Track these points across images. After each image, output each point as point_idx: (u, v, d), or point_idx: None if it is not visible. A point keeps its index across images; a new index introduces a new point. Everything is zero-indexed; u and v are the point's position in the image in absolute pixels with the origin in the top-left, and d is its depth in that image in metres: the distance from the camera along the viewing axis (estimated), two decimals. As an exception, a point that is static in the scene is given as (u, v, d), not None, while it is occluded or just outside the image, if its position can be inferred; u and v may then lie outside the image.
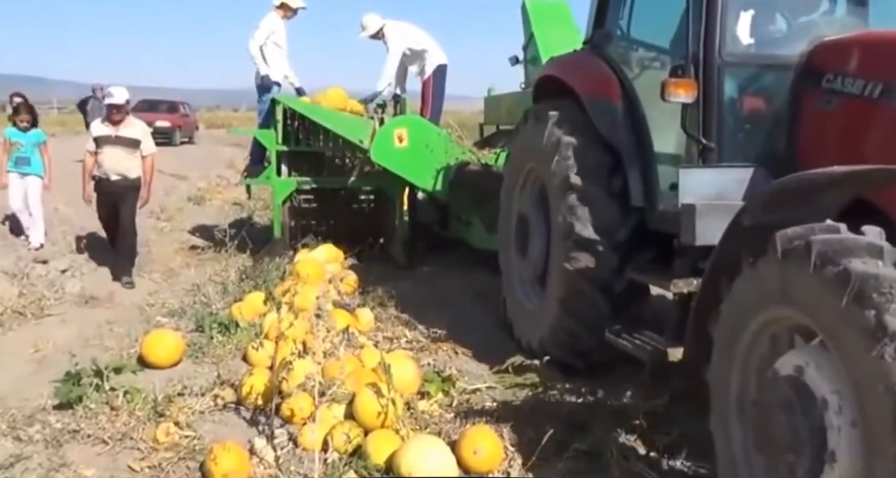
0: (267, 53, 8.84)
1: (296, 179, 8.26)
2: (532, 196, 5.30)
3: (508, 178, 5.70)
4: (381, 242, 8.44)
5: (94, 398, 4.16)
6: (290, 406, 4.00)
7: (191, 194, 14.24)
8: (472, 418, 4.06)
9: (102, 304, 6.56)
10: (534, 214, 5.19)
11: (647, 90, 4.36)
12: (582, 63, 5.05)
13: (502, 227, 5.75)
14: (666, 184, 4.24)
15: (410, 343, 5.45)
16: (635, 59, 4.71)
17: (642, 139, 4.42)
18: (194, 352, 5.14)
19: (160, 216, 11.49)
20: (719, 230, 3.15)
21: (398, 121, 7.86)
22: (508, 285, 5.59)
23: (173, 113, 31.99)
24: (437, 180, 7.65)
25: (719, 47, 3.87)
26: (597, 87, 4.70)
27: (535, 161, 5.12)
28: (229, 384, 4.47)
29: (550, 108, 4.94)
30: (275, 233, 8.20)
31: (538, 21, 8.29)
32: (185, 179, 17.02)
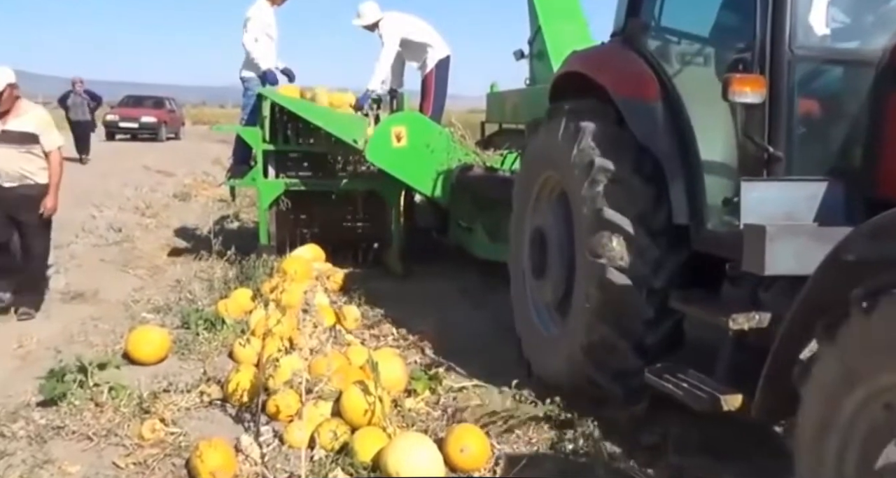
0: (260, 46, 8.24)
1: (284, 181, 7.62)
2: (550, 208, 4.64)
3: (521, 186, 5.04)
4: (374, 248, 7.86)
5: (79, 395, 4.12)
6: (277, 403, 3.98)
7: (176, 191, 14.18)
8: (459, 417, 4.06)
9: (87, 300, 6.52)
10: (553, 229, 4.52)
11: (690, 88, 3.86)
12: (613, 57, 4.42)
13: (513, 240, 5.13)
14: (715, 198, 3.66)
15: (397, 341, 5.44)
16: (675, 53, 4.06)
17: (687, 145, 3.78)
18: (180, 348, 5.12)
19: (145, 213, 11.45)
20: (793, 258, 2.81)
21: (396, 118, 7.36)
22: (519, 303, 4.98)
23: (159, 108, 31.89)
24: (438, 183, 7.15)
25: (789, 39, 3.33)
26: (632, 86, 4.08)
27: (554, 170, 4.50)
28: (215, 381, 4.46)
29: (575, 110, 4.28)
30: (260, 239, 7.60)
31: (546, 13, 7.84)
32: (171, 176, 16.96)
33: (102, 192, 13.09)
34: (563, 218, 4.41)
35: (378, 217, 8.03)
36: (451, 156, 7.17)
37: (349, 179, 7.76)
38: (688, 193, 3.76)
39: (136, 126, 30.07)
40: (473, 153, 7.36)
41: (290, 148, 7.91)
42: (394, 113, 8.02)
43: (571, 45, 7.49)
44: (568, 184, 4.27)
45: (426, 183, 7.19)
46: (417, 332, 5.54)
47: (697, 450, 3.62)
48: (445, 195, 7.21)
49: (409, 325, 5.72)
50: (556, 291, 4.47)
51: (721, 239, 3.55)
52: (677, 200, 3.77)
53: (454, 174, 7.07)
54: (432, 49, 8.44)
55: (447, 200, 7.24)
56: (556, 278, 4.45)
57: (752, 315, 3.23)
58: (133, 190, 13.79)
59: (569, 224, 4.31)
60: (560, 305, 4.46)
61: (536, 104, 7.03)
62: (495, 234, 6.49)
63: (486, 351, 5.23)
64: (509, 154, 7.16)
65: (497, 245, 6.36)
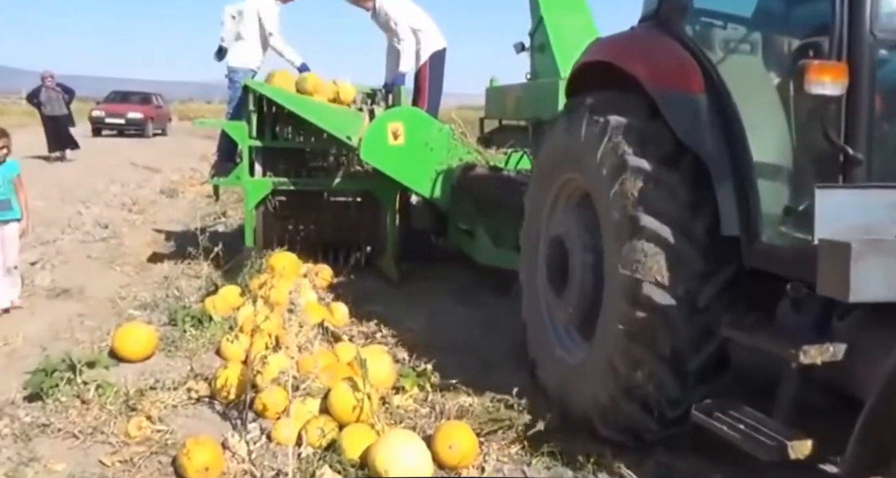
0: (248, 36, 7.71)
1: (271, 180, 7.13)
2: (570, 214, 4.15)
3: (535, 191, 4.57)
4: (368, 252, 7.52)
5: (65, 392, 4.10)
6: (264, 400, 3.97)
7: (163, 187, 14.12)
8: (448, 414, 4.06)
9: (73, 296, 6.48)
10: (575, 239, 4.00)
11: (739, 78, 3.38)
12: (647, 45, 3.87)
13: (525, 251, 4.63)
14: (771, 206, 3.18)
15: (386, 338, 5.44)
16: (720, 39, 3.53)
17: (737, 144, 3.28)
18: (167, 345, 5.09)
19: (132, 209, 11.40)
20: (883, 282, 2.44)
21: (393, 113, 6.83)
22: (534, 323, 4.47)
23: (146, 104, 31.79)
24: (437, 184, 6.66)
25: (870, 22, 2.89)
26: (671, 76, 3.57)
27: (576, 172, 4.03)
28: (202, 378, 4.43)
29: (600, 104, 3.78)
30: (246, 241, 7.18)
31: (548, 4, 7.43)
32: (158, 172, 16.89)
33: (89, 188, 13.04)
34: (586, 226, 3.92)
35: (372, 219, 7.55)
36: (452, 155, 6.74)
37: (342, 179, 7.30)
38: (738, 200, 3.26)
39: (123, 122, 29.93)
40: (475, 152, 6.91)
41: (279, 144, 7.38)
42: (390, 108, 7.44)
43: (575, 36, 6.97)
44: (593, 187, 3.78)
45: (424, 184, 6.72)
46: (406, 329, 5.54)
47: (687, 450, 3.62)
48: (445, 197, 6.74)
49: (398, 322, 5.71)
50: (579, 309, 3.95)
51: (780, 255, 3.08)
52: (726, 208, 3.27)
53: (455, 174, 6.62)
54: (428, 39, 7.89)
55: (447, 201, 6.78)
56: (580, 295, 3.92)
57: (825, 348, 2.80)
58: (119, 186, 13.73)
59: (593, 232, 3.83)
60: (584, 325, 3.95)
61: (541, 99, 6.83)
62: (499, 238, 6.17)
63: (475, 348, 5.24)
64: (514, 152, 6.73)
65: (501, 251, 6.08)
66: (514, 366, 4.81)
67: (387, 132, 6.49)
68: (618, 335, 3.47)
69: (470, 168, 6.56)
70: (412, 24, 7.78)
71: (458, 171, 6.60)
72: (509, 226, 5.88)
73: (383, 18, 7.83)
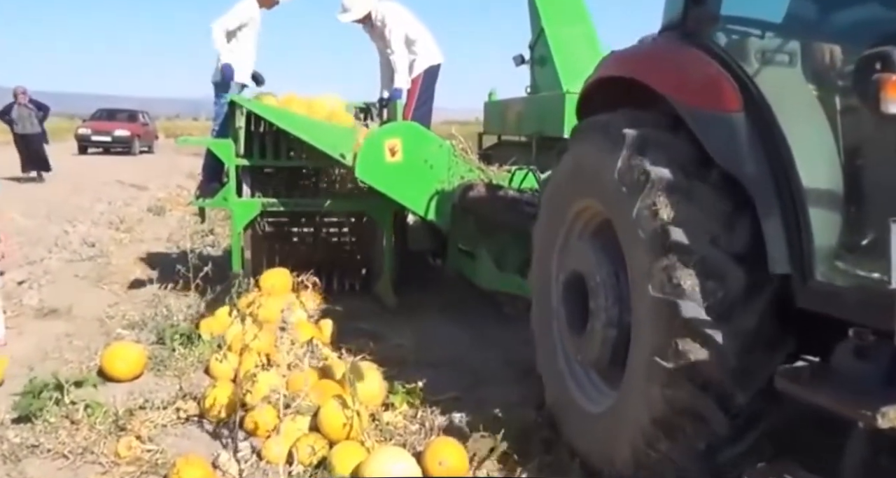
0: (235, 47, 7.27)
1: (260, 201, 6.75)
2: (588, 246, 3.76)
3: (545, 223, 4.15)
4: (363, 275, 7.17)
5: (54, 412, 4.08)
6: (254, 419, 3.97)
7: (150, 205, 14.10)
8: (437, 430, 4.08)
9: (61, 316, 6.46)
10: (595, 271, 3.59)
11: (783, 94, 3.00)
12: (673, 57, 3.45)
13: (537, 289, 4.24)
14: (828, 240, 2.81)
15: (374, 355, 5.44)
16: (756, 50, 3.12)
17: (784, 169, 2.89)
18: (156, 365, 5.08)
19: (119, 227, 11.38)
20: None
21: (390, 129, 6.40)
22: (549, 367, 4.07)
23: (132, 122, 31.83)
24: (437, 204, 6.25)
25: None
26: (704, 92, 3.17)
27: (592, 198, 3.63)
28: (192, 397, 4.43)
29: (617, 124, 3.38)
30: (233, 266, 6.79)
31: (549, 15, 7.30)
32: (145, 190, 16.89)
33: (75, 206, 13.02)
34: (606, 257, 3.55)
35: (367, 240, 7.19)
36: (453, 172, 6.31)
37: (335, 199, 6.93)
38: (787, 233, 2.86)
39: (109, 140, 29.97)
40: (477, 169, 6.47)
41: (268, 163, 6.98)
42: (386, 123, 7.04)
43: (578, 49, 7.07)
44: (613, 211, 3.40)
45: (423, 203, 6.27)
46: (395, 345, 5.55)
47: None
48: (445, 217, 6.30)
49: (387, 338, 5.73)
50: (603, 349, 3.53)
51: (842, 297, 2.68)
52: (774, 241, 2.89)
53: (456, 193, 6.18)
54: (423, 52, 7.60)
55: (447, 222, 6.34)
56: (603, 333, 3.52)
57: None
58: (106, 204, 13.72)
59: (615, 263, 3.47)
60: (610, 367, 3.57)
61: (545, 113, 6.79)
62: (503, 262, 5.87)
63: (464, 364, 5.26)
64: (518, 171, 6.30)
65: (505, 275, 5.79)
66: (504, 381, 4.83)
67: (383, 149, 6.11)
68: (653, 370, 3.02)
69: (471, 187, 6.13)
70: (409, 35, 7.51)
71: (459, 190, 6.17)
72: (513, 249, 5.76)
73: (379, 26, 7.57)
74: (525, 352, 5.30)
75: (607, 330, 3.50)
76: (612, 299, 3.50)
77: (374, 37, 7.76)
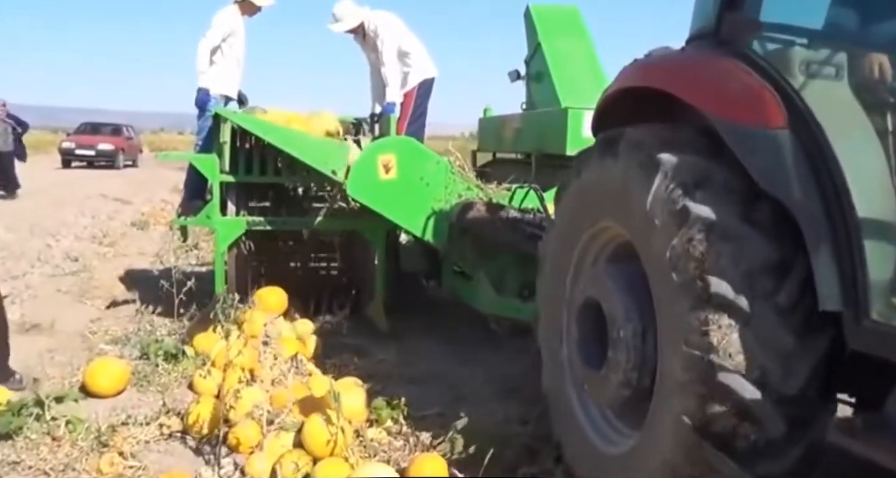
0: (219, 59, 7.04)
1: (245, 219, 6.37)
2: (606, 271, 3.43)
3: (557, 242, 3.83)
4: (353, 296, 6.78)
5: (35, 429, 4.05)
6: (237, 435, 3.96)
7: (134, 219, 14.04)
8: (421, 446, 4.08)
9: (43, 331, 6.41)
10: (614, 301, 3.23)
11: (833, 110, 2.71)
12: (706, 67, 3.14)
13: (545, 315, 3.92)
14: (885, 275, 2.53)
15: (359, 370, 5.44)
16: (801, 61, 2.81)
17: (835, 194, 2.60)
18: (139, 380, 5.06)
19: (102, 242, 11.31)
20: None
21: (384, 144, 6.04)
22: (559, 401, 3.76)
23: (117, 136, 31.80)
24: (433, 223, 5.89)
25: None
26: (745, 106, 2.84)
27: (613, 219, 3.32)
28: (175, 413, 4.41)
29: (644, 140, 3.05)
30: (216, 288, 6.37)
31: (545, 30, 7.12)
32: (129, 204, 16.83)
33: (58, 220, 12.93)
34: (628, 284, 3.21)
35: (358, 260, 6.85)
36: (450, 190, 5.94)
37: (325, 217, 6.42)
38: (839, 267, 2.56)
39: (93, 154, 29.89)
40: (476, 187, 6.09)
41: (254, 179, 6.57)
42: (379, 139, 6.72)
43: (576, 63, 6.98)
44: (639, 238, 3.07)
45: (419, 223, 5.90)
46: (378, 361, 5.56)
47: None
48: (442, 238, 5.93)
49: (371, 354, 5.73)
50: (622, 388, 3.17)
51: None
52: (824, 275, 2.57)
53: (453, 213, 5.79)
54: (417, 65, 7.32)
55: (444, 243, 5.97)
56: (623, 371, 3.14)
57: None
58: (90, 218, 13.65)
59: (638, 292, 3.12)
60: (630, 408, 3.22)
61: (546, 130, 6.56)
62: (502, 285, 5.59)
63: (448, 379, 5.27)
64: (519, 189, 5.91)
65: (504, 298, 5.51)
66: (488, 397, 4.84)
67: (377, 165, 5.75)
68: (681, 430, 2.68)
69: (470, 206, 5.74)
70: (402, 47, 7.27)
71: (458, 209, 5.79)
72: (513, 271, 5.56)
73: (371, 37, 7.32)
74: (508, 368, 5.35)
75: (628, 370, 3.12)
76: (635, 336, 3.12)
77: (366, 48, 7.57)
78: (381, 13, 7.39)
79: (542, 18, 7.29)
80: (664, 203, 2.82)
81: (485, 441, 3.96)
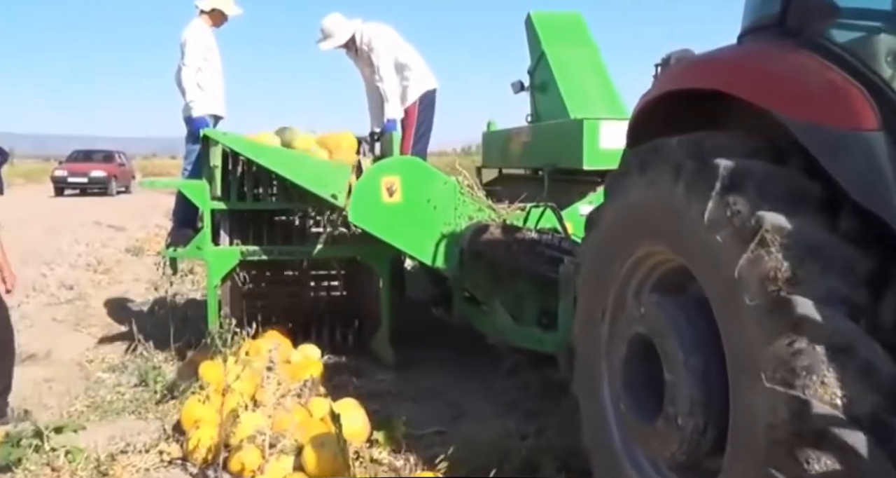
0: (201, 79, 6.55)
1: (239, 249, 5.95)
2: (657, 302, 2.93)
3: (593, 271, 3.35)
4: (356, 328, 6.36)
5: (34, 460, 4.05)
6: (239, 460, 3.95)
7: (129, 245, 14.02)
8: (422, 464, 4.08)
9: (39, 361, 6.40)
10: (670, 337, 2.74)
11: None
12: (776, 61, 2.67)
13: (583, 352, 3.45)
14: None
15: (358, 389, 5.44)
16: (887, 52, 2.44)
17: None
18: (137, 407, 5.05)
19: (97, 269, 11.29)
20: None
21: (387, 165, 5.54)
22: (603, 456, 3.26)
23: (109, 162, 31.83)
24: (443, 249, 5.38)
25: None
26: (827, 106, 2.43)
27: (661, 242, 2.87)
28: (174, 440, 4.41)
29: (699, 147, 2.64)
30: (209, 322, 5.91)
31: (549, 38, 6.81)
32: (123, 230, 16.80)
33: (53, 249, 12.92)
34: (686, 317, 2.74)
35: (361, 289, 6.39)
36: (459, 213, 5.45)
37: (325, 245, 5.98)
38: None
39: (86, 181, 29.92)
40: (488, 209, 5.59)
41: (248, 206, 6.10)
42: (381, 159, 6.24)
43: (582, 73, 6.73)
44: (696, 260, 2.62)
45: (427, 249, 5.39)
46: (377, 380, 5.55)
47: None
48: (452, 264, 5.41)
49: (369, 374, 5.72)
50: (684, 441, 2.66)
51: None
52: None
53: (465, 237, 5.30)
54: (416, 77, 6.90)
55: (455, 269, 5.46)
56: (685, 420, 2.64)
57: None
58: (84, 246, 13.63)
59: (698, 323, 2.67)
60: (695, 466, 2.73)
61: (560, 143, 6.21)
62: (520, 313, 5.15)
63: (447, 396, 5.27)
64: (534, 208, 5.46)
65: (523, 328, 5.05)
66: (486, 414, 4.84)
67: (380, 188, 5.27)
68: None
69: (482, 229, 5.28)
70: (399, 59, 6.86)
71: (469, 232, 5.30)
72: (531, 298, 5.14)
73: (364, 50, 6.92)
74: (505, 383, 5.33)
75: (691, 419, 2.62)
76: (697, 376, 2.61)
77: (360, 63, 7.16)
78: (373, 25, 7.01)
79: (544, 26, 7.01)
80: (727, 216, 2.41)
81: (485, 457, 3.98)
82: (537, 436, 4.29)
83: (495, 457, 3.95)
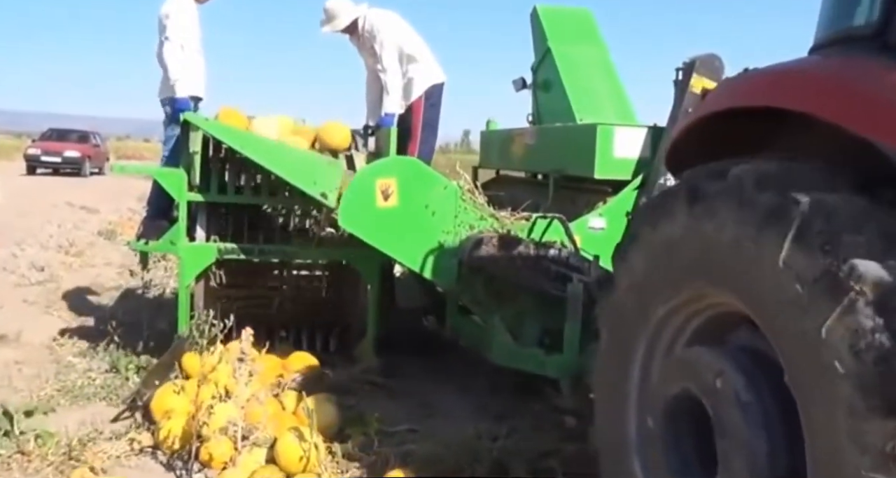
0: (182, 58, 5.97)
1: (216, 246, 5.51)
2: (705, 353, 2.53)
3: (621, 311, 2.89)
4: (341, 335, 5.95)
5: (4, 444, 4.03)
6: (210, 450, 3.96)
7: (101, 228, 13.89)
8: (393, 461, 4.11)
9: (9, 343, 6.34)
10: (725, 398, 2.33)
11: None
12: (871, 80, 2.23)
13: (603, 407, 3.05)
14: None
15: (330, 385, 5.45)
16: None
17: None
18: (108, 394, 5.04)
19: (69, 251, 11.18)
20: None
21: (382, 166, 5.07)
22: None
23: (84, 143, 31.46)
24: (440, 259, 4.92)
25: None
26: None
27: (715, 284, 2.43)
28: (146, 428, 4.41)
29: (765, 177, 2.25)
30: (179, 326, 5.49)
31: (555, 33, 6.47)
32: (96, 213, 16.65)
33: (24, 229, 12.75)
34: (744, 372, 2.34)
35: (346, 293, 6.02)
36: (460, 221, 4.99)
37: (311, 246, 5.72)
38: None
39: (59, 161, 29.54)
40: (490, 218, 5.11)
41: (228, 199, 5.66)
42: (377, 159, 5.73)
43: (590, 72, 6.45)
44: (764, 312, 2.20)
45: (422, 259, 4.94)
46: (352, 376, 5.56)
47: None
48: (449, 276, 4.97)
49: (344, 369, 5.73)
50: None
51: None
52: None
53: (465, 248, 4.84)
54: (422, 70, 6.44)
55: (453, 282, 5.01)
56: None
57: None
58: (56, 227, 13.48)
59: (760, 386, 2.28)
60: None
61: (569, 148, 5.84)
62: (521, 333, 4.80)
63: (420, 394, 5.30)
64: (539, 219, 5.03)
65: (523, 349, 4.72)
66: (459, 413, 4.89)
67: (375, 191, 4.83)
68: None
69: (483, 240, 4.83)
70: (404, 49, 6.39)
71: (469, 243, 4.84)
72: (532, 315, 4.83)
73: (367, 37, 6.48)
74: (479, 384, 5.39)
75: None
76: (761, 442, 2.22)
77: (363, 51, 6.69)
78: (379, 11, 6.53)
79: (550, 21, 6.64)
80: (808, 260, 2.00)
81: (456, 457, 4.02)
82: (508, 438, 4.34)
83: (466, 457, 4.00)
